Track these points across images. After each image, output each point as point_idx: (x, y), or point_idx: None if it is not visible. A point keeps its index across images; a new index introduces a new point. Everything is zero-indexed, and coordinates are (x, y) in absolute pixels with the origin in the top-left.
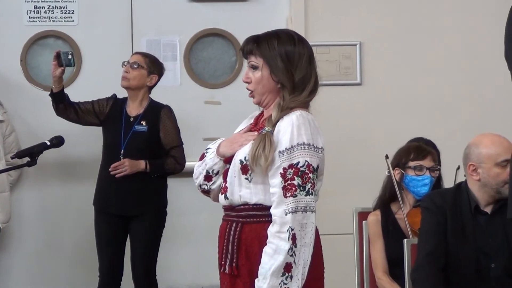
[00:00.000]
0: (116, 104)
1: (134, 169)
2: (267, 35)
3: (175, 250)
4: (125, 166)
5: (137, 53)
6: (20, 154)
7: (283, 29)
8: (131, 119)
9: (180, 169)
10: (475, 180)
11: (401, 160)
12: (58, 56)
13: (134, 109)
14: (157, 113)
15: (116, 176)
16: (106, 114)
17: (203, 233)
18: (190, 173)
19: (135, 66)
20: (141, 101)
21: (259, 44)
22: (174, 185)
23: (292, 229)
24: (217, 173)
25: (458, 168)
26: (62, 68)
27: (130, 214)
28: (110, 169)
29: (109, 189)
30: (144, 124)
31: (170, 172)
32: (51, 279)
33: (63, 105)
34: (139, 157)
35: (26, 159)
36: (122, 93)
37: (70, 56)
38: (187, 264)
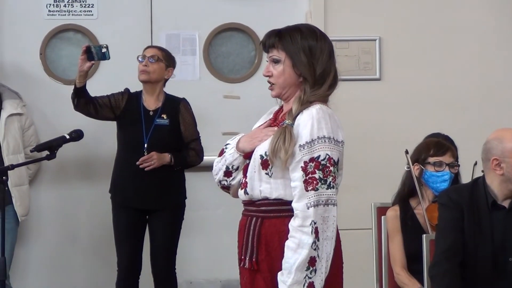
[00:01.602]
0: (131, 98)
1: (161, 162)
2: (289, 29)
3: (193, 245)
4: (153, 159)
5: (152, 46)
6: (39, 148)
7: (304, 23)
8: (151, 113)
9: (199, 162)
10: (498, 175)
11: (420, 155)
12: (88, 51)
13: (151, 103)
14: (176, 106)
15: (146, 169)
16: (122, 108)
17: (220, 228)
18: (208, 168)
19: (154, 59)
20: (158, 95)
21: (281, 38)
22: (192, 180)
23: (315, 223)
24: (237, 168)
25: (476, 164)
26: (92, 62)
27: (151, 208)
28: (138, 163)
29: (129, 183)
30: (165, 118)
31: (191, 164)
32: (69, 273)
33: (84, 100)
34: (162, 151)
35: (45, 152)
36: (135, 88)
37: (104, 50)
38: (205, 259)
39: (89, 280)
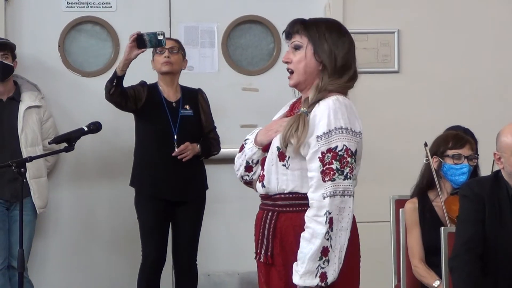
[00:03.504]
0: (151, 90)
1: (193, 152)
2: (315, 19)
3: (211, 237)
4: (188, 150)
5: (168, 38)
6: (57, 140)
7: (329, 18)
8: (174, 104)
9: (219, 151)
10: (502, 169)
11: (439, 148)
12: (139, 38)
13: (172, 94)
14: (195, 96)
15: (183, 160)
16: (144, 101)
17: (239, 220)
18: (226, 160)
19: (175, 51)
20: (176, 86)
21: (306, 25)
22: (210, 172)
23: (330, 213)
24: (257, 162)
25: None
26: (142, 50)
27: (181, 199)
28: (174, 154)
29: (161, 175)
30: (188, 108)
31: (213, 154)
32: (88, 265)
33: (120, 89)
34: (190, 141)
35: (64, 144)
36: (147, 80)
37: (161, 37)
38: (223, 251)
39: (107, 273)
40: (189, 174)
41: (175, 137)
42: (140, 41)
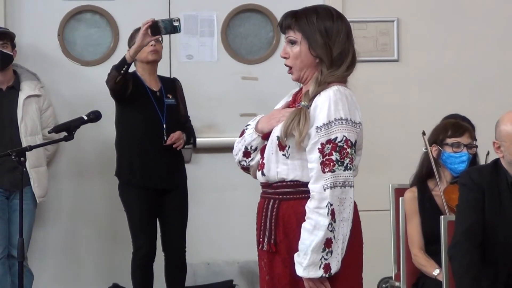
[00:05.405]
0: (135, 79)
1: (183, 141)
2: (306, 10)
3: (211, 226)
4: (181, 139)
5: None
6: (57, 129)
7: (321, 5)
8: (157, 93)
9: (195, 140)
10: (501, 158)
11: (438, 137)
12: (154, 25)
13: (153, 83)
14: (173, 85)
15: (178, 149)
16: (131, 89)
17: (238, 209)
18: (226, 149)
19: (159, 40)
20: (156, 75)
21: (297, 19)
22: (210, 161)
23: (331, 205)
24: (255, 149)
25: (488, 154)
26: (157, 36)
27: (171, 187)
28: (169, 143)
29: (152, 164)
30: (171, 97)
31: (191, 143)
32: (87, 254)
33: (126, 76)
34: (177, 130)
35: (63, 133)
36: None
37: (176, 23)
38: (222, 240)
39: (106, 263)
40: (175, 162)
41: (164, 125)
42: (154, 28)
